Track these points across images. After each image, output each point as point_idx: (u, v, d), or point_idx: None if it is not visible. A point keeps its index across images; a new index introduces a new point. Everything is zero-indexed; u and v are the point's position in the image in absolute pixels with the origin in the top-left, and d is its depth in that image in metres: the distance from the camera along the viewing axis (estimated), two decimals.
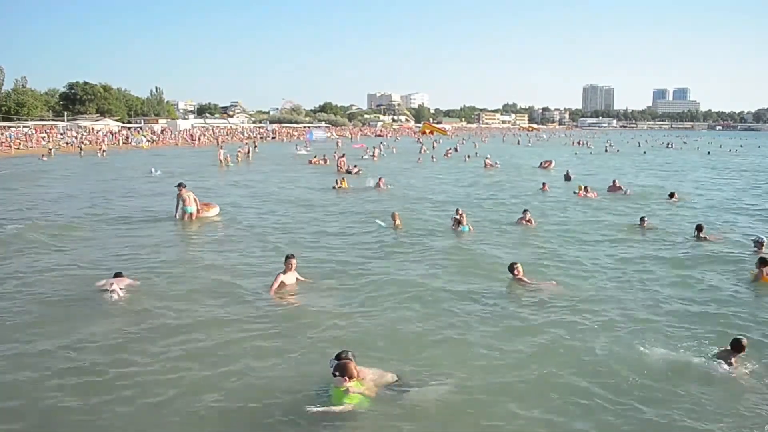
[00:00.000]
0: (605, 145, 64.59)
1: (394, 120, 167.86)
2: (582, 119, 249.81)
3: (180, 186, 15.84)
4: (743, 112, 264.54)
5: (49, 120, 75.87)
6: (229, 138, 72.89)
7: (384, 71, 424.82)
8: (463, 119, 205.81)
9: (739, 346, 6.52)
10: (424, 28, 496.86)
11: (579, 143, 73.78)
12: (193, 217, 15.59)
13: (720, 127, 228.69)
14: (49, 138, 55.37)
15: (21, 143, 50.27)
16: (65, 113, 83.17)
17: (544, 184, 23.24)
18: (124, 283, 9.08)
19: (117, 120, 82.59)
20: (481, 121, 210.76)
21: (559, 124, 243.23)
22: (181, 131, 75.37)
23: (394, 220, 14.61)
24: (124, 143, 58.70)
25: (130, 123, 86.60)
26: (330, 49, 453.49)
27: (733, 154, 57.26)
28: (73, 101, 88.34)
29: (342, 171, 29.72)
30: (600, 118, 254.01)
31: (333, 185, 23.51)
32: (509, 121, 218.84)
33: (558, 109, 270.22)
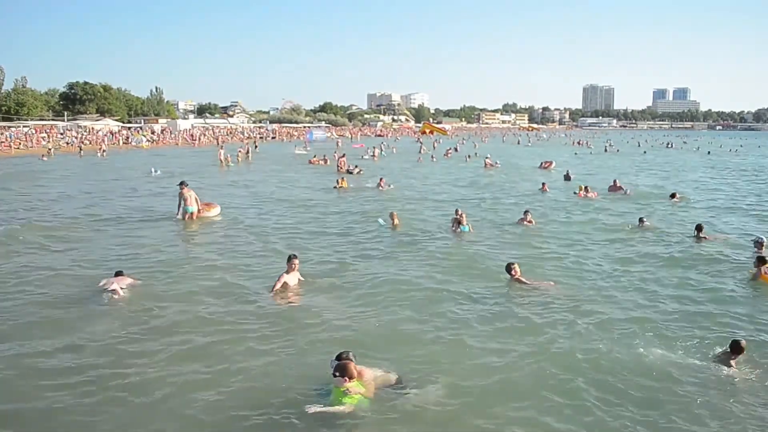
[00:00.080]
0: (605, 145, 64.58)
1: (394, 120, 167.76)
2: (582, 119, 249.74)
3: (182, 184, 15.86)
4: (743, 111, 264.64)
5: (49, 120, 75.81)
6: (229, 138, 72.86)
7: (384, 71, 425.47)
8: (463, 119, 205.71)
9: (738, 347, 6.52)
10: (424, 28, 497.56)
11: (579, 143, 73.74)
12: (194, 217, 15.60)
13: (720, 127, 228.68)
14: (49, 138, 55.37)
15: (21, 143, 50.27)
16: (65, 113, 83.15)
17: (543, 184, 23.24)
18: (125, 282, 9.10)
19: (117, 120, 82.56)
20: (481, 121, 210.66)
21: (559, 123, 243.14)
22: (181, 131, 75.33)
23: (392, 219, 14.73)
24: (124, 143, 58.68)
25: (130, 123, 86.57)
26: (330, 49, 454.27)
27: (733, 153, 57.25)
28: (73, 101, 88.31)
29: (342, 171, 29.72)
30: (600, 118, 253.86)
31: (334, 185, 23.57)
32: (509, 121, 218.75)
33: (558, 109, 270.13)
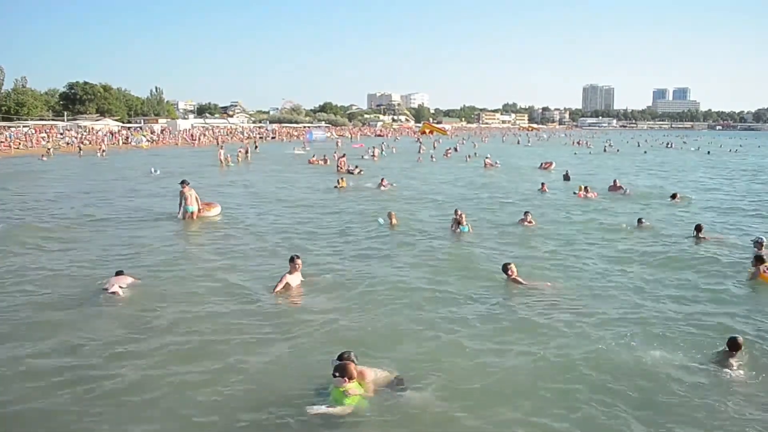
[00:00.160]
0: (604, 145, 64.59)
1: (394, 120, 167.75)
2: (582, 119, 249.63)
3: (183, 183, 15.89)
4: (743, 111, 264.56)
5: (49, 120, 75.83)
6: (229, 138, 72.87)
7: (384, 71, 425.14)
8: (463, 119, 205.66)
9: (736, 344, 6.54)
10: (424, 28, 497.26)
11: (579, 143, 73.77)
12: (194, 217, 15.62)
13: (720, 127, 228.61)
14: (49, 138, 55.37)
15: (21, 143, 50.28)
16: (65, 113, 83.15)
17: (543, 184, 23.22)
18: (125, 282, 9.11)
19: (117, 120, 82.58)
20: (481, 121, 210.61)
21: (559, 123, 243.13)
22: (181, 131, 75.35)
23: (390, 219, 14.79)
24: (124, 143, 58.71)
25: (130, 123, 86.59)
26: (330, 49, 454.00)
27: (733, 153, 57.25)
28: (73, 101, 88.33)
29: (342, 171, 29.71)
30: (600, 117, 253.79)
31: (334, 185, 23.66)
32: (509, 121, 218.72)
33: (558, 109, 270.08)
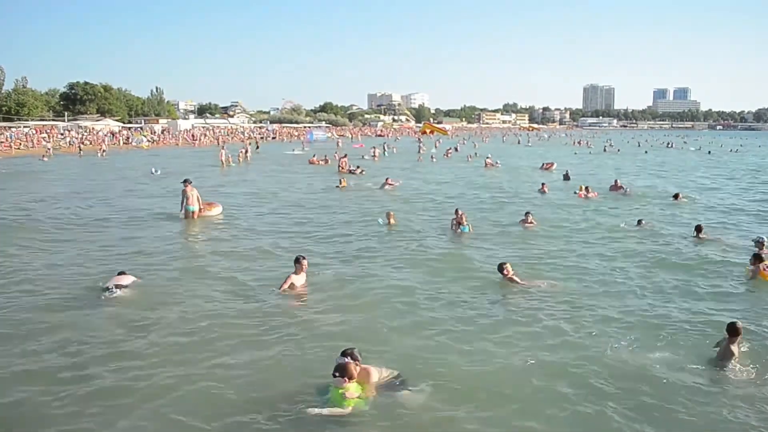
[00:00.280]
0: (604, 145, 64.58)
1: (394, 120, 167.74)
2: (582, 119, 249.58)
3: (185, 182, 15.92)
4: (743, 111, 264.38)
5: (50, 120, 75.87)
6: (230, 138, 72.90)
7: (384, 71, 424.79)
8: (464, 119, 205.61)
9: (735, 329, 6.55)
10: (424, 28, 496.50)
11: (579, 143, 73.79)
12: (195, 216, 15.63)
13: (720, 127, 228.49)
14: (50, 138, 55.41)
15: (21, 143, 50.31)
16: (66, 113, 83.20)
17: (543, 184, 23.22)
18: (126, 281, 9.13)
19: (117, 120, 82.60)
20: (482, 121, 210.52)
21: (560, 123, 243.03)
22: (182, 131, 75.40)
23: (388, 219, 14.87)
24: (124, 143, 58.74)
25: (130, 123, 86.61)
26: (330, 49, 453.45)
27: (734, 153, 57.25)
28: (74, 101, 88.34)
29: (344, 171, 29.73)
30: (600, 117, 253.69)
31: (336, 185, 23.77)
32: (509, 121, 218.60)
33: (558, 109, 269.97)
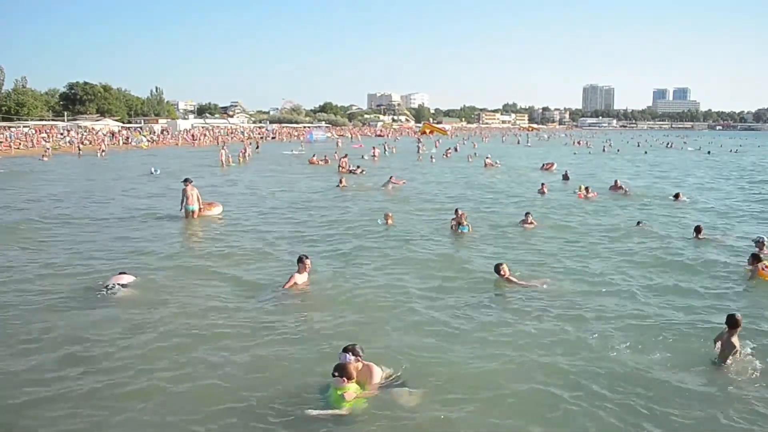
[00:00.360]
0: (603, 145, 64.59)
1: (394, 120, 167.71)
2: (582, 119, 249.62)
3: (186, 181, 15.94)
4: (743, 111, 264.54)
5: (49, 120, 75.82)
6: (230, 138, 72.90)
7: (384, 71, 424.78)
8: (463, 119, 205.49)
9: (734, 321, 6.56)
10: (424, 28, 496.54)
11: (578, 143, 73.81)
12: (195, 215, 15.65)
13: (720, 127, 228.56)
14: (49, 138, 55.39)
15: (21, 143, 50.30)
16: (65, 113, 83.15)
17: (543, 184, 23.21)
18: (127, 280, 9.15)
19: (117, 120, 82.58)
20: (481, 121, 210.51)
21: (559, 123, 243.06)
22: (181, 131, 75.40)
23: (386, 219, 14.93)
24: (124, 143, 58.73)
25: (130, 123, 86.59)
26: (330, 49, 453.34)
27: (734, 153, 57.26)
28: (73, 101, 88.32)
29: (344, 171, 29.74)
30: (600, 118, 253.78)
31: (336, 184, 23.88)
32: (509, 121, 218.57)
33: (558, 109, 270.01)
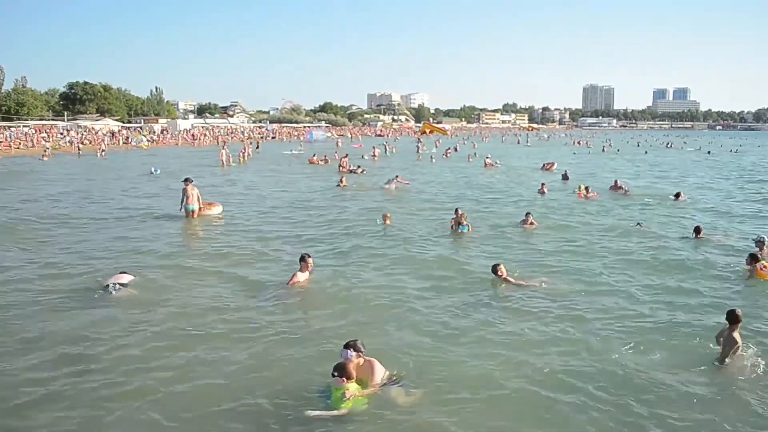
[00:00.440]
0: (603, 145, 64.62)
1: (394, 120, 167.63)
2: (582, 119, 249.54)
3: (186, 181, 15.95)
4: (743, 111, 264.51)
5: (49, 120, 75.79)
6: (230, 138, 72.90)
7: (384, 71, 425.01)
8: (463, 119, 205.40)
9: (735, 316, 6.54)
10: (424, 28, 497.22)
11: (578, 143, 73.83)
12: (195, 215, 15.65)
13: (720, 127, 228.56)
14: (49, 138, 55.37)
15: (21, 143, 50.28)
16: (65, 113, 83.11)
17: (543, 184, 23.22)
18: (127, 280, 9.15)
19: (117, 120, 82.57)
20: (481, 121, 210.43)
21: (559, 123, 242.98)
22: (181, 131, 75.42)
23: (384, 219, 15.00)
24: (124, 143, 58.73)
25: (130, 123, 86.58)
26: (330, 49, 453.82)
27: (734, 153, 57.25)
28: (73, 101, 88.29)
29: (345, 171, 29.76)
30: (600, 117, 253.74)
31: (337, 184, 23.95)
32: (509, 121, 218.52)
33: (558, 109, 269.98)
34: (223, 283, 9.67)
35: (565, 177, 27.30)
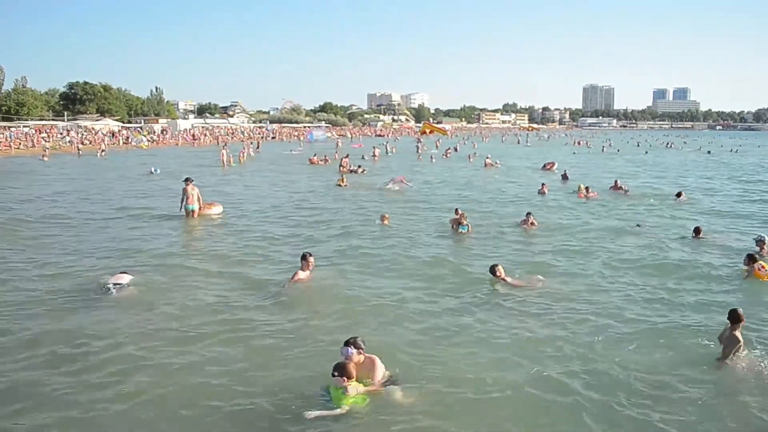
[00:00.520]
0: (603, 145, 64.63)
1: (394, 120, 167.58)
2: (582, 119, 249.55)
3: (187, 181, 15.96)
4: (743, 111, 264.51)
5: (49, 120, 75.78)
6: (230, 138, 72.91)
7: (384, 71, 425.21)
8: (463, 119, 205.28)
9: (737, 315, 6.54)
10: (424, 28, 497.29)
11: (578, 143, 73.87)
12: (195, 215, 15.65)
13: (720, 127, 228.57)
14: (49, 138, 55.37)
15: (21, 143, 50.29)
16: (65, 113, 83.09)
17: (543, 184, 23.23)
18: (127, 280, 9.15)
19: (117, 120, 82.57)
20: (481, 121, 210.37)
21: (560, 123, 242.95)
22: (181, 131, 75.44)
23: (382, 220, 15.05)
24: (124, 143, 58.74)
25: (130, 123, 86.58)
26: (330, 49, 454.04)
27: (734, 153, 57.25)
28: (73, 101, 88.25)
29: (345, 171, 29.75)
30: (600, 117, 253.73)
31: (336, 184, 23.96)
32: (509, 121, 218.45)
33: (558, 109, 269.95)
34: (223, 283, 9.67)
35: (565, 177, 27.31)
